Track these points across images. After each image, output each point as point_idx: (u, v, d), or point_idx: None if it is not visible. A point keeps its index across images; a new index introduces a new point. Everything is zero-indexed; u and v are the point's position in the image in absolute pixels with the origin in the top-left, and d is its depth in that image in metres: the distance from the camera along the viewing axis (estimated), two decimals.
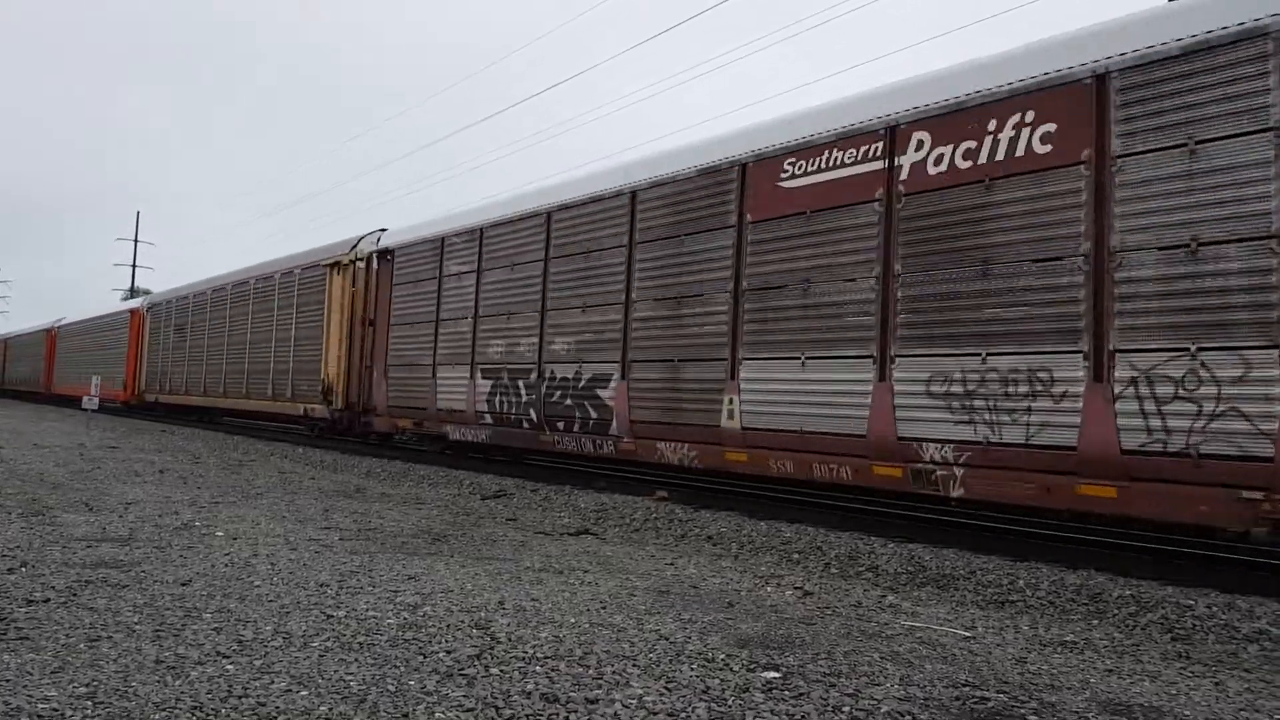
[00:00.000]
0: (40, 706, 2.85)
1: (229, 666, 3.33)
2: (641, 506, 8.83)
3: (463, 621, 4.13)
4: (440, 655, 3.59)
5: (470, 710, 2.99)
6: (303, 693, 3.08)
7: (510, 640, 3.86)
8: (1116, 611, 5.17)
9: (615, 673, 3.48)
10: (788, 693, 3.33)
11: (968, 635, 4.50)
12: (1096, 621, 5.05)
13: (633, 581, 5.36)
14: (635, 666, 3.57)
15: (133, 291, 56.50)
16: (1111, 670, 3.97)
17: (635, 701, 3.15)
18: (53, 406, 32.98)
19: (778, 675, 3.54)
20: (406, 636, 3.85)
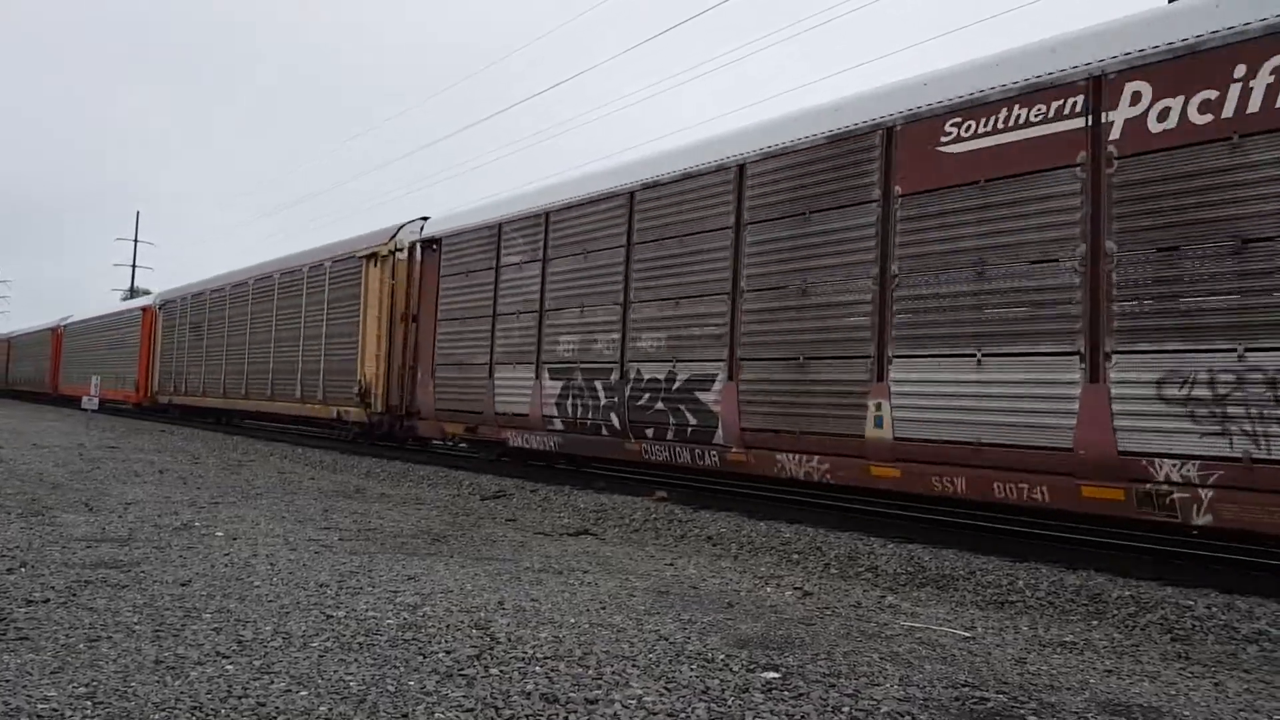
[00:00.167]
0: (40, 707, 2.85)
1: (229, 667, 3.33)
2: (641, 507, 8.83)
3: (462, 622, 4.13)
4: (440, 655, 3.60)
5: (470, 710, 2.99)
6: (302, 693, 3.09)
7: (510, 640, 3.86)
8: (1116, 612, 5.18)
9: (615, 673, 3.48)
10: (787, 693, 3.33)
11: (967, 636, 4.50)
12: (1096, 622, 5.05)
13: (632, 582, 5.36)
14: (635, 667, 3.58)
15: (132, 291, 56.48)
16: (1111, 671, 3.97)
17: (635, 702, 3.15)
18: (52, 407, 32.66)
19: (777, 675, 3.55)
20: (406, 637, 3.85)
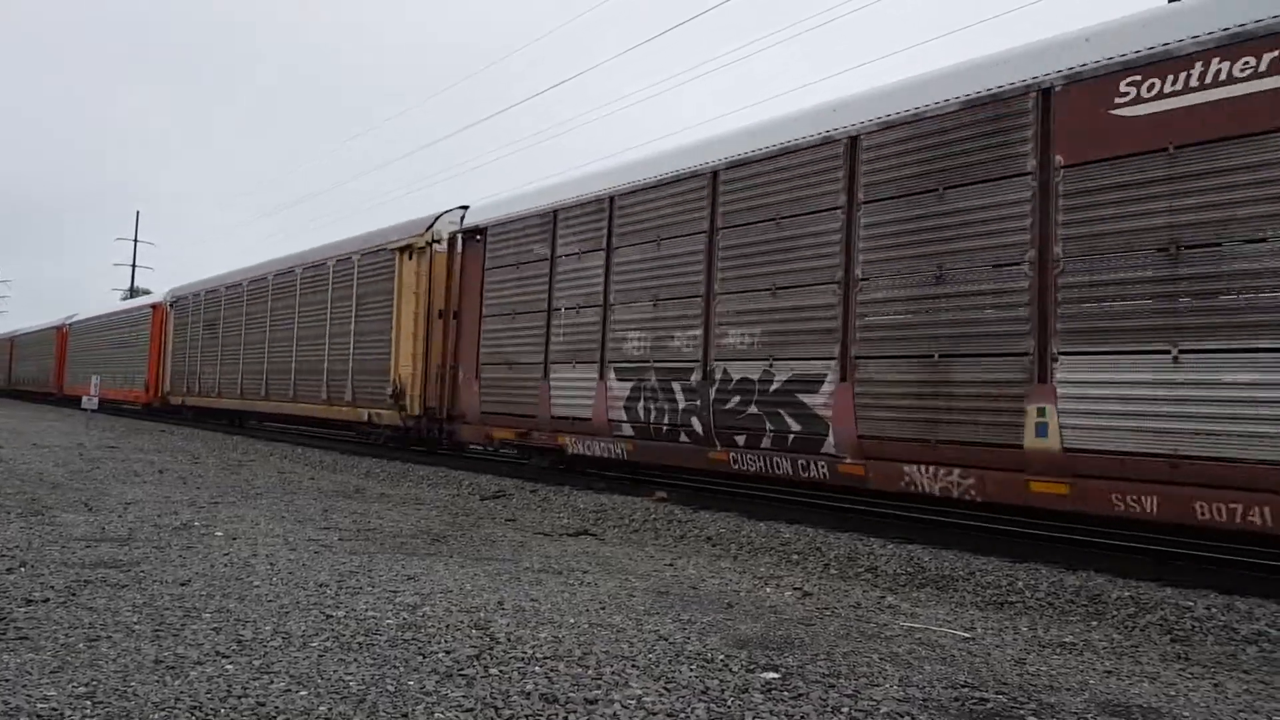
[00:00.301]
0: (39, 706, 2.86)
1: (228, 666, 3.33)
2: (641, 507, 8.83)
3: (462, 622, 4.14)
4: (439, 655, 3.60)
5: (469, 710, 2.99)
6: (302, 693, 3.09)
7: (509, 640, 3.86)
8: (1115, 613, 5.18)
9: (614, 673, 3.48)
10: (787, 693, 3.33)
11: (967, 636, 4.50)
12: (1095, 623, 5.05)
13: (632, 582, 5.37)
14: (634, 667, 3.58)
15: (132, 291, 56.47)
16: (1110, 671, 3.97)
17: (634, 702, 3.15)
18: (54, 407, 32.47)
19: (777, 676, 3.55)
20: (406, 637, 3.85)
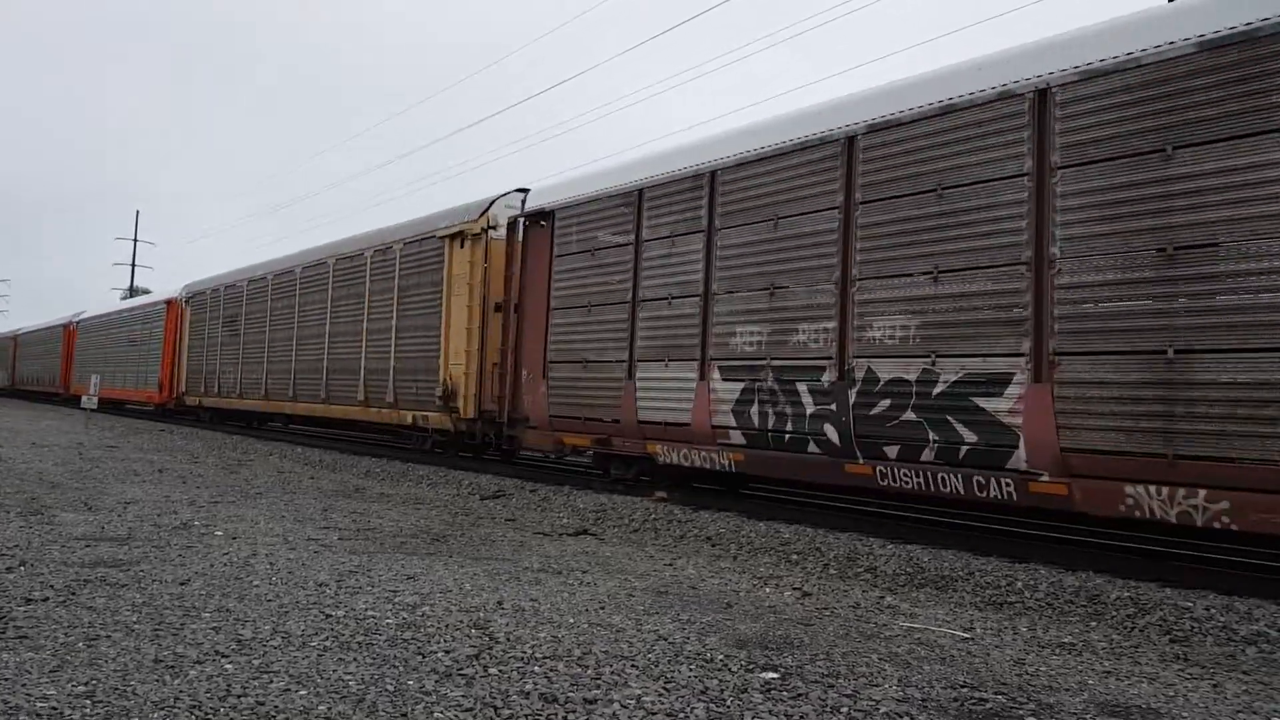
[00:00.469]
0: (39, 705, 2.86)
1: (228, 666, 3.33)
2: (640, 507, 8.82)
3: (461, 621, 4.14)
4: (439, 655, 3.60)
5: (469, 710, 3.00)
6: (301, 692, 3.09)
7: (509, 640, 3.86)
8: (1115, 613, 5.18)
9: (614, 673, 3.48)
10: (786, 693, 3.33)
11: (966, 636, 4.50)
12: (1095, 623, 5.05)
13: (631, 582, 5.37)
14: (634, 667, 3.58)
15: (132, 290, 56.44)
16: (1109, 672, 3.97)
17: (634, 702, 3.15)
18: (53, 407, 32.24)
19: (776, 676, 3.55)
20: (405, 636, 3.85)
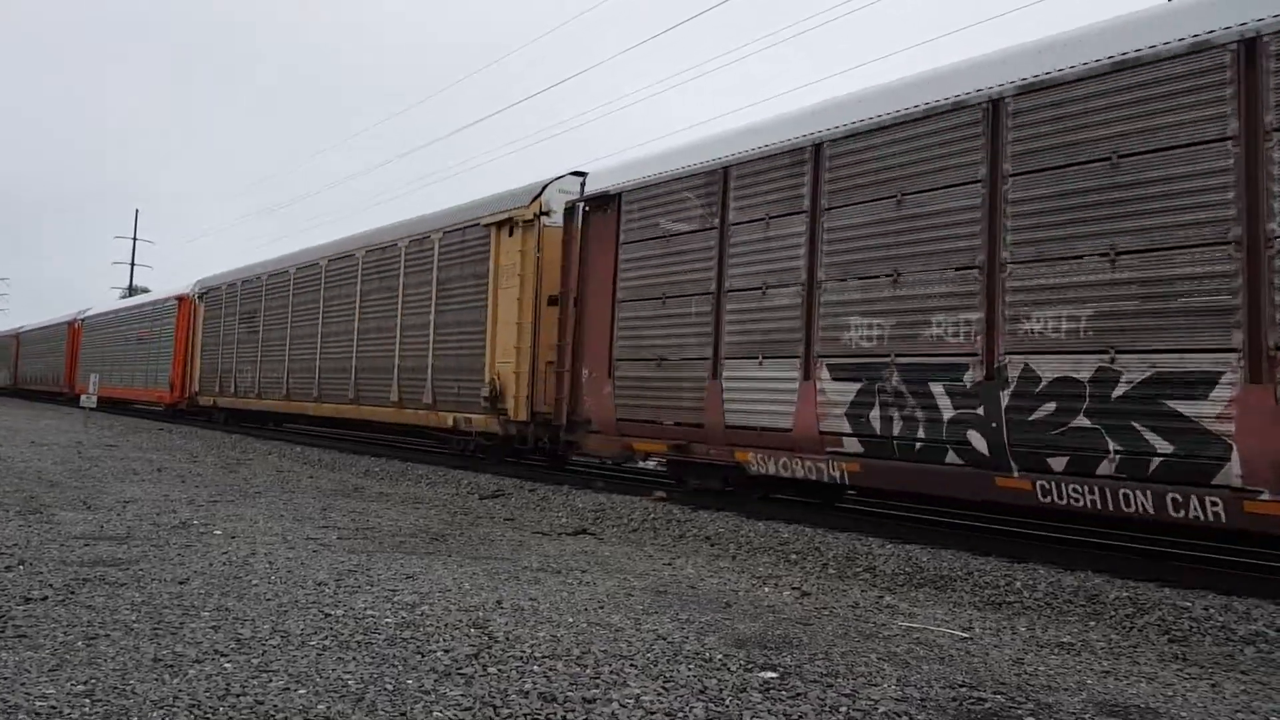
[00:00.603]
0: (38, 704, 2.86)
1: (227, 665, 3.33)
2: (639, 506, 8.83)
3: (460, 621, 4.14)
4: (438, 654, 3.60)
5: (468, 709, 3.00)
6: (300, 691, 3.09)
7: (508, 639, 3.86)
8: (1114, 613, 5.18)
9: (613, 672, 3.49)
10: (785, 693, 3.34)
11: (965, 636, 4.50)
12: (1094, 623, 5.06)
13: (630, 581, 5.37)
14: (633, 666, 3.58)
15: (131, 289, 56.42)
16: (1108, 672, 3.97)
17: (633, 701, 3.15)
18: (53, 406, 32.19)
19: (775, 675, 3.55)
20: (404, 635, 3.85)
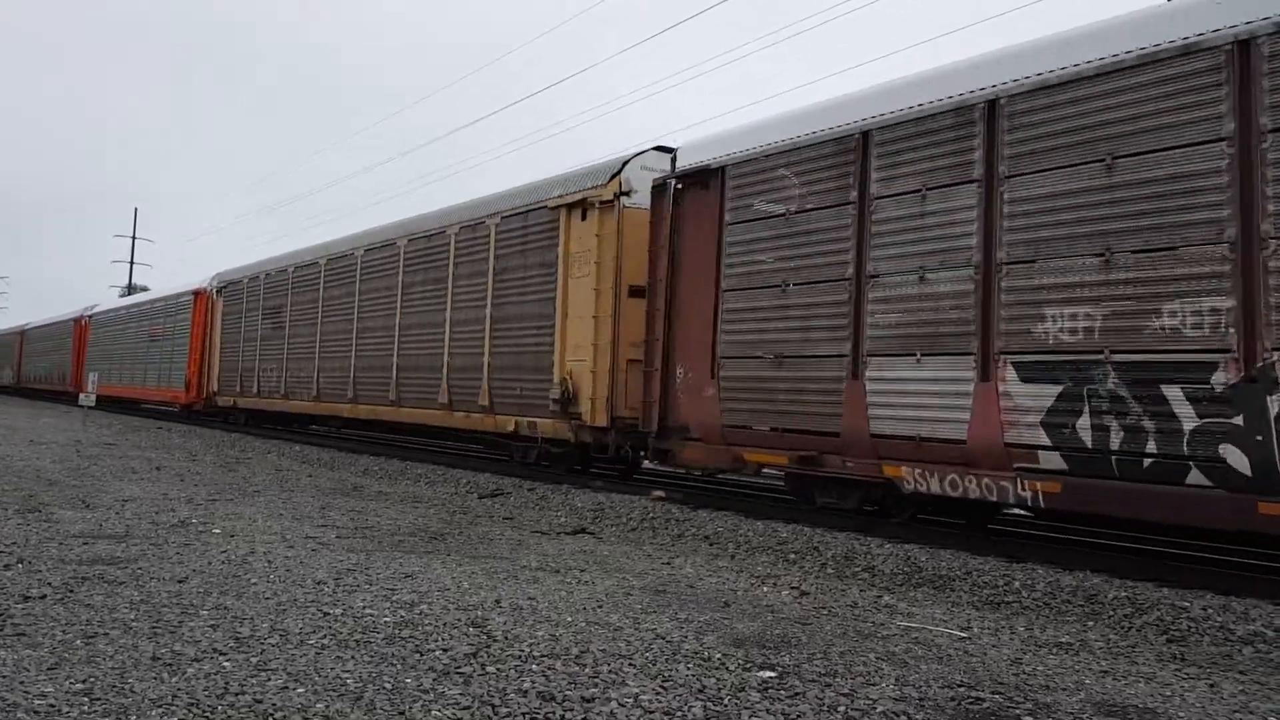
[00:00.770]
0: (37, 703, 2.85)
1: (225, 663, 3.33)
2: (639, 506, 8.83)
3: (459, 620, 4.14)
4: (437, 653, 3.60)
5: (467, 708, 3.00)
6: (299, 690, 3.09)
7: (507, 639, 3.86)
8: (1112, 613, 5.19)
9: (612, 671, 3.49)
10: (783, 692, 3.34)
11: (963, 636, 4.51)
12: (1092, 623, 5.06)
13: (629, 581, 5.37)
14: (631, 665, 3.58)
15: (130, 288, 56.38)
16: (1106, 671, 3.98)
17: (631, 700, 3.15)
18: (50, 405, 32.15)
19: (774, 675, 3.55)
20: (403, 634, 3.85)
